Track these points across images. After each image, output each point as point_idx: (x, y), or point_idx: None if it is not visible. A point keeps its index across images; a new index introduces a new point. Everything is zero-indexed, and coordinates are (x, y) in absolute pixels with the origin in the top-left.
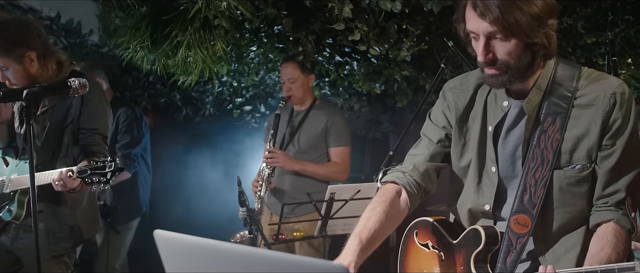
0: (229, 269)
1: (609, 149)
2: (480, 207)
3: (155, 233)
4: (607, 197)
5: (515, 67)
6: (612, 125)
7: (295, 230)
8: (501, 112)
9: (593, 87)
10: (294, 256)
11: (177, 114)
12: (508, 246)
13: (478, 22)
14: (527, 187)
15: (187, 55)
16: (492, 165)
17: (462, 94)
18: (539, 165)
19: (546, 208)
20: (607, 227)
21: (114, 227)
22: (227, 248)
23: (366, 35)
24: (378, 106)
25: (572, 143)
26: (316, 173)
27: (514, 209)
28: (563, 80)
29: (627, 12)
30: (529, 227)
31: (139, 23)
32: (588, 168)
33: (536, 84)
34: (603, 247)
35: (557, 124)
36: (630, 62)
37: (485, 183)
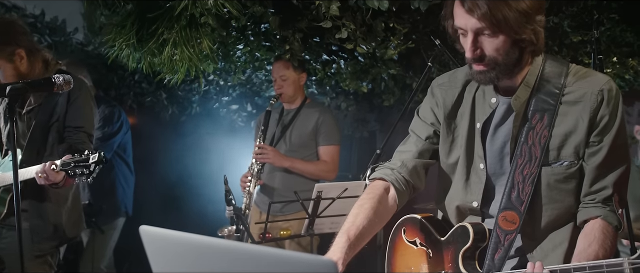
0: (217, 264)
1: (597, 146)
2: (468, 203)
3: (141, 229)
4: (594, 194)
5: (503, 63)
6: (600, 121)
7: (282, 228)
8: (489, 109)
9: (581, 84)
10: (283, 251)
11: (163, 112)
12: (496, 243)
13: (466, 18)
14: (515, 183)
15: (173, 54)
16: (480, 162)
17: (451, 91)
18: (526, 161)
19: (534, 205)
20: (595, 224)
21: (99, 226)
22: (215, 244)
23: (353, 34)
24: (365, 105)
25: (559, 140)
26: (305, 171)
27: (502, 206)
28: (551, 77)
29: (612, 11)
30: (516, 223)
31: (125, 21)
32: (575, 165)
33: (524, 81)
34: (590, 243)
35: (545, 121)
36: (616, 60)
37: (474, 180)
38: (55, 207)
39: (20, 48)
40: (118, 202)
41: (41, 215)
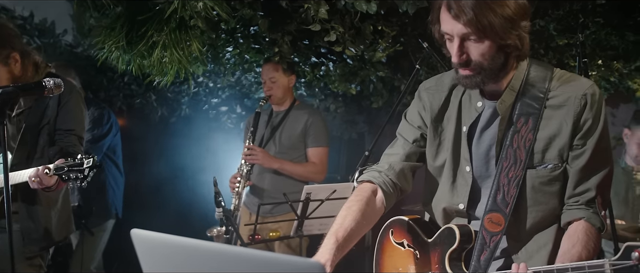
0: (207, 267)
1: (580, 149)
2: (455, 206)
3: (133, 232)
4: (578, 196)
5: (488, 68)
6: (583, 125)
7: (272, 230)
8: (475, 113)
9: (565, 88)
10: (272, 254)
11: (153, 114)
12: (482, 244)
13: (452, 24)
14: (501, 186)
15: (162, 56)
16: (467, 165)
17: (438, 95)
18: (512, 164)
19: (519, 207)
20: (578, 225)
21: (89, 228)
22: (205, 247)
23: (342, 36)
24: (354, 107)
25: (544, 143)
26: (294, 173)
27: (488, 208)
28: (535, 81)
29: (597, 15)
30: (502, 225)
31: (114, 23)
32: (560, 167)
33: (509, 85)
34: (574, 244)
35: (530, 124)
36: (601, 63)
37: (460, 182)
38: (45, 209)
39: (14, 51)
40: (108, 203)
41: (31, 217)
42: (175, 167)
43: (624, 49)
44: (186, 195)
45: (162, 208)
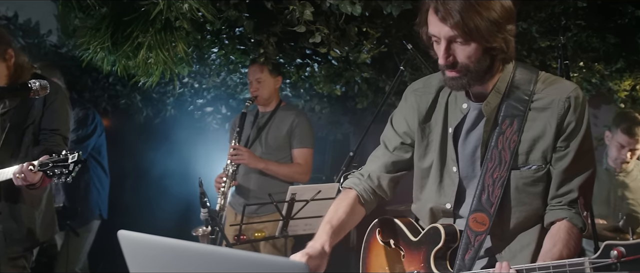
0: (193, 268)
1: (563, 151)
2: (442, 205)
3: (120, 233)
4: (561, 197)
5: (474, 70)
6: (567, 127)
7: (257, 230)
8: (460, 114)
9: (549, 91)
10: (257, 254)
11: (138, 115)
12: (466, 244)
13: (439, 26)
14: (486, 186)
15: (148, 57)
16: (453, 165)
17: (425, 96)
18: (496, 165)
19: (503, 207)
20: (560, 225)
21: (74, 229)
22: (191, 248)
23: (327, 38)
24: (338, 108)
25: (528, 145)
26: (279, 173)
27: (473, 208)
28: (521, 83)
29: (578, 18)
30: (486, 225)
31: (99, 24)
32: (543, 169)
33: (495, 87)
34: (555, 243)
35: (515, 126)
36: (582, 65)
37: (447, 182)
38: (28, 210)
39: (10, 47)
40: (93, 204)
41: (15, 218)
42: (160, 168)
43: (604, 51)
44: (171, 195)
45: (148, 209)
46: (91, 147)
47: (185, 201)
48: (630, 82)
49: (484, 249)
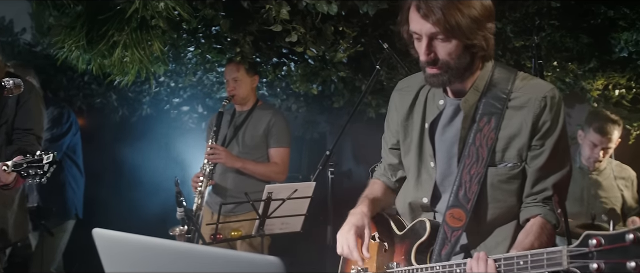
0: (169, 265)
1: (539, 149)
2: (419, 199)
3: (94, 232)
4: (535, 194)
5: (455, 67)
6: (542, 126)
7: (233, 229)
8: (437, 110)
9: (526, 90)
10: (232, 251)
11: (114, 114)
12: (443, 239)
13: (421, 23)
14: (463, 182)
15: (123, 55)
16: (431, 161)
17: (407, 95)
18: (474, 162)
19: (479, 204)
20: (535, 221)
21: (48, 229)
22: (166, 246)
23: (303, 37)
24: (315, 107)
25: (504, 143)
26: (256, 172)
27: (450, 203)
28: (499, 82)
29: (552, 18)
30: (463, 221)
31: (74, 22)
32: (518, 166)
33: (474, 85)
34: (527, 235)
35: (492, 124)
36: (556, 64)
37: (424, 177)
38: (1, 210)
39: None
40: (69, 203)
41: None
42: (136, 168)
43: (578, 51)
44: (148, 195)
45: (123, 209)
46: (66, 146)
47: (162, 201)
48: (602, 82)
49: (459, 245)
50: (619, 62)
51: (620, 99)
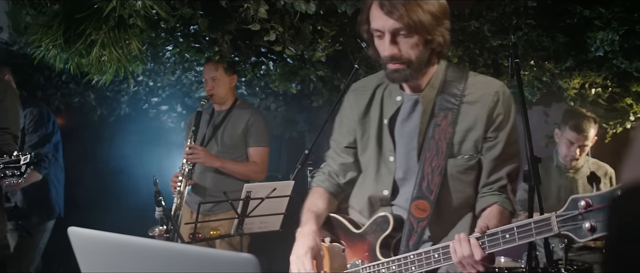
0: (145, 263)
1: (493, 141)
2: (379, 193)
3: (70, 230)
4: (491, 184)
5: (416, 62)
6: (495, 119)
7: (212, 228)
8: (395, 105)
9: (479, 87)
10: (209, 249)
11: (92, 114)
12: (410, 230)
13: (384, 20)
14: (425, 175)
15: (101, 54)
16: (390, 155)
17: (364, 94)
18: (434, 155)
19: (441, 194)
20: (492, 209)
21: (27, 229)
22: (143, 244)
23: (282, 36)
24: (294, 106)
25: (461, 136)
26: (235, 172)
27: (414, 195)
28: (453, 79)
29: (529, 17)
30: (428, 211)
31: (52, 21)
32: (475, 158)
33: (430, 82)
34: (489, 220)
35: (449, 118)
36: (533, 63)
37: (384, 171)
38: None
39: None
40: (52, 203)
41: None
42: (115, 167)
43: (554, 50)
44: (127, 195)
45: (102, 209)
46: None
47: (140, 201)
48: (579, 81)
49: (426, 235)
50: (595, 61)
51: (597, 98)
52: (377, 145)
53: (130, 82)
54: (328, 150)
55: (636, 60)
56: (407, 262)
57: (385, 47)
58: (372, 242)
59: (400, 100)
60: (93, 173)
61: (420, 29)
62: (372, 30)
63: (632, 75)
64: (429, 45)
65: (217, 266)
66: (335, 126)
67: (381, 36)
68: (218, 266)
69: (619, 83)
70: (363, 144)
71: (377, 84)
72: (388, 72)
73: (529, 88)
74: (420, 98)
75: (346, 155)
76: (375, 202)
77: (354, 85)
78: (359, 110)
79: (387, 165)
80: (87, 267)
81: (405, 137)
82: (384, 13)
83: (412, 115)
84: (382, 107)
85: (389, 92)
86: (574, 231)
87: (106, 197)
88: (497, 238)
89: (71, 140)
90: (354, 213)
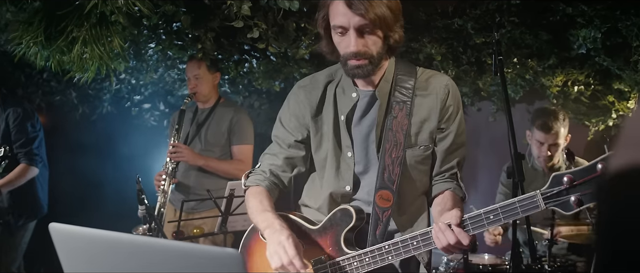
0: (127, 259)
1: (445, 132)
2: (341, 189)
3: (51, 226)
4: (444, 172)
5: (377, 58)
6: (447, 110)
7: (196, 226)
8: (351, 102)
9: (430, 81)
10: (191, 244)
11: (74, 112)
12: (376, 220)
13: (350, 16)
14: (386, 166)
15: (83, 52)
16: (348, 151)
17: (314, 91)
18: (393, 146)
19: (401, 184)
20: (446, 194)
21: (9, 228)
22: (125, 239)
23: (265, 33)
24: (278, 103)
25: (417, 127)
26: (219, 170)
27: (378, 186)
28: (405, 73)
29: (512, 14)
30: (391, 201)
31: (32, 18)
32: (430, 148)
33: (384, 77)
34: (446, 202)
35: (405, 111)
36: (516, 61)
37: (343, 167)
38: None
39: None
40: (38, 200)
41: None
42: (97, 166)
43: (537, 48)
44: (110, 194)
45: (85, 208)
46: None
47: (124, 199)
48: (562, 78)
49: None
50: (578, 59)
51: (579, 96)
52: (334, 141)
53: (113, 80)
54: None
55: (618, 58)
56: (381, 252)
57: (351, 44)
58: (336, 237)
59: (356, 96)
60: (75, 172)
61: (383, 25)
62: (334, 27)
63: (614, 72)
64: (388, 42)
65: (201, 262)
66: (279, 122)
67: (343, 33)
68: (202, 262)
69: (601, 80)
70: (317, 141)
71: (327, 81)
72: (349, 68)
73: (512, 86)
74: (377, 92)
75: (295, 150)
76: (337, 198)
77: (301, 82)
78: (311, 107)
79: (346, 161)
80: (69, 264)
81: (363, 132)
82: (351, 10)
83: (369, 110)
84: (337, 104)
85: (341, 88)
86: (561, 205)
87: (89, 196)
88: (481, 220)
89: (53, 139)
90: (309, 211)
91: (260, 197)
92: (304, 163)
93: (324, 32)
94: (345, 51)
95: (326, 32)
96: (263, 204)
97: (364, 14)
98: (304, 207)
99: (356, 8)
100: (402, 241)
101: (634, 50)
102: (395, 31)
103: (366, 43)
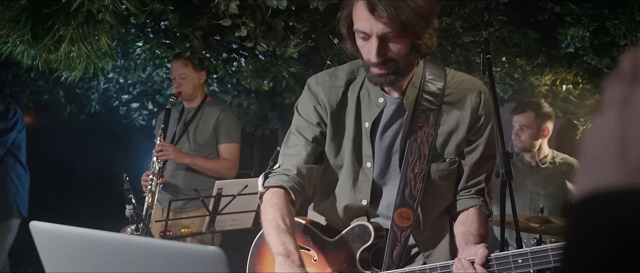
0: (110, 257)
1: (474, 144)
2: (358, 202)
3: (32, 225)
4: (470, 188)
5: (403, 66)
6: (478, 121)
7: (184, 226)
8: (377, 108)
9: (459, 86)
10: (174, 242)
11: (61, 111)
12: (394, 240)
13: (372, 23)
14: (408, 181)
15: (70, 50)
16: (368, 161)
17: (334, 91)
18: (417, 159)
19: (423, 201)
20: (470, 212)
21: None
22: (107, 238)
23: (253, 32)
24: (266, 103)
25: (443, 139)
26: (206, 169)
27: (397, 204)
28: (433, 79)
29: (501, 13)
30: (411, 220)
31: (19, 16)
32: (457, 162)
33: (411, 82)
34: (471, 224)
35: (431, 120)
36: (505, 60)
37: (361, 179)
38: None
39: None
40: (11, 201)
41: None
42: (85, 165)
43: (526, 47)
44: (97, 193)
45: (72, 208)
46: (10, 142)
47: (111, 199)
48: (550, 77)
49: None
50: (566, 58)
51: (568, 94)
52: (354, 150)
53: (100, 79)
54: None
55: (606, 56)
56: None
57: (373, 52)
58: (351, 253)
59: (383, 102)
60: (62, 172)
61: (410, 33)
62: (356, 30)
63: (602, 71)
64: (416, 48)
65: (185, 260)
66: (299, 116)
67: (366, 38)
68: (185, 260)
69: (590, 79)
70: (334, 147)
71: (348, 79)
72: (371, 75)
73: (501, 84)
74: (404, 100)
75: (316, 145)
76: (353, 210)
77: (318, 78)
78: (331, 107)
79: (365, 172)
80: (50, 263)
81: (387, 141)
82: (373, 16)
83: (395, 118)
84: (360, 109)
85: (366, 91)
86: None
87: (76, 196)
88: (508, 262)
89: (41, 139)
90: (321, 218)
91: (282, 211)
92: (321, 160)
93: (346, 32)
94: (368, 57)
95: (349, 32)
96: (285, 221)
97: (387, 22)
98: (317, 214)
99: (379, 15)
100: (420, 270)
101: (622, 48)
102: (425, 38)
103: (390, 51)
